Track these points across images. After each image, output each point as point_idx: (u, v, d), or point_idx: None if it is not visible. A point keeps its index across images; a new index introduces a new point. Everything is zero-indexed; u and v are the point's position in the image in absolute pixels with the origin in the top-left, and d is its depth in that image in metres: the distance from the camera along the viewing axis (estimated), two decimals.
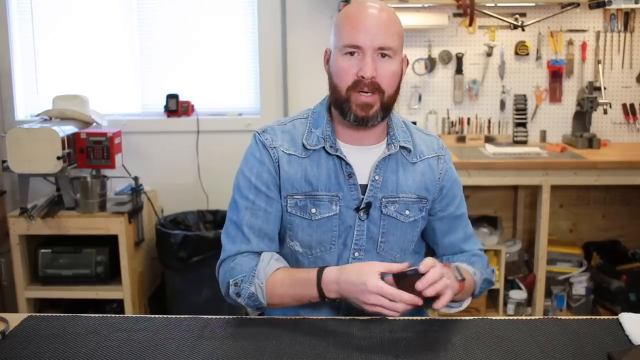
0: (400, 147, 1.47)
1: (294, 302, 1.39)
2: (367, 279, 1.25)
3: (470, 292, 1.47)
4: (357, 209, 1.44)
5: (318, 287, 1.32)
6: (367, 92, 1.36)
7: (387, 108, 1.41)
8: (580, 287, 3.21)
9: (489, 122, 3.41)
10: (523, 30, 3.16)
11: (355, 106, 1.38)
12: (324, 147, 1.44)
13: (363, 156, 1.46)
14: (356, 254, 1.47)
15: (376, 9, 1.38)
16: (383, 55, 1.36)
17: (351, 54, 1.36)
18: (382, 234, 1.47)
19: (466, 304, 1.48)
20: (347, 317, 1.37)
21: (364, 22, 1.35)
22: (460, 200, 1.57)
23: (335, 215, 1.45)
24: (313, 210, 1.45)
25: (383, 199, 1.46)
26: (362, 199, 1.45)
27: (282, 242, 1.51)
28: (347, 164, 1.43)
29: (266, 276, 1.37)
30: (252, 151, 1.48)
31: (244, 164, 1.49)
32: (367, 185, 1.45)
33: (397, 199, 1.46)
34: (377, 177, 1.45)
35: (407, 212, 1.48)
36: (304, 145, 1.45)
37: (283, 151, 1.46)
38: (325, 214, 1.45)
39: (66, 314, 1.40)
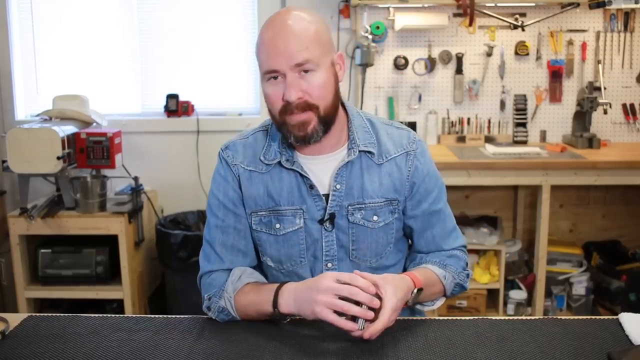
0: (360, 151, 1.42)
1: (256, 315, 1.34)
2: (321, 279, 1.23)
3: (438, 295, 1.44)
4: (321, 221, 1.42)
5: (275, 296, 1.28)
6: (298, 113, 1.32)
7: (326, 120, 1.35)
8: (580, 287, 3.21)
9: (489, 122, 3.41)
10: (523, 30, 3.16)
11: (292, 127, 1.33)
12: (280, 162, 1.42)
13: (324, 165, 1.42)
14: (329, 265, 1.45)
15: (288, 21, 1.31)
16: (306, 71, 1.30)
17: (274, 77, 1.32)
18: (352, 242, 1.44)
19: (439, 303, 1.46)
20: None
21: (274, 44, 1.29)
22: (437, 195, 1.49)
23: (300, 229, 1.43)
24: (277, 226, 1.43)
25: (349, 207, 1.42)
26: (326, 209, 1.42)
27: (258, 258, 1.51)
28: (306, 177, 1.40)
29: (235, 290, 1.35)
30: (218, 169, 1.48)
31: (212, 182, 1.49)
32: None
33: (363, 206, 1.42)
34: (338, 186, 1.41)
35: (375, 217, 1.43)
36: (261, 160, 1.43)
37: (244, 168, 1.44)
38: (290, 229, 1.43)
39: (66, 314, 1.40)
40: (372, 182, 1.43)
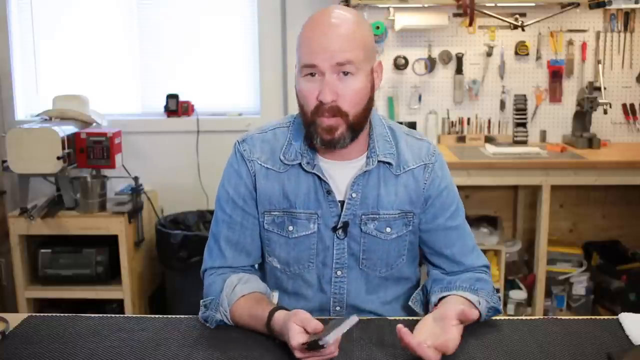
0: (379, 161, 1.39)
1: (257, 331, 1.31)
2: (290, 338, 1.14)
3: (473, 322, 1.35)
4: (334, 229, 1.40)
5: (268, 329, 1.24)
6: (328, 117, 1.29)
7: (355, 128, 1.32)
8: (580, 287, 3.21)
9: (489, 122, 3.41)
10: (523, 30, 3.16)
11: (320, 129, 1.30)
12: (300, 163, 1.39)
13: (343, 171, 1.39)
14: (338, 272, 1.43)
15: (334, 20, 1.28)
16: (345, 73, 1.28)
17: (312, 74, 1.29)
18: (363, 251, 1.42)
19: None
20: None
21: (319, 38, 1.26)
22: (455, 210, 1.45)
23: (313, 234, 1.41)
24: (290, 228, 1.41)
25: (363, 216, 1.40)
26: (340, 216, 1.40)
27: (263, 257, 1.49)
28: (325, 182, 1.38)
29: (230, 304, 1.32)
30: (231, 162, 1.45)
31: (224, 175, 1.46)
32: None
33: (377, 216, 1.40)
34: (354, 195, 1.39)
35: (388, 229, 1.41)
36: (281, 160, 1.40)
37: (261, 164, 1.41)
38: (303, 233, 1.41)
39: (66, 314, 1.40)
40: (388, 194, 1.40)
